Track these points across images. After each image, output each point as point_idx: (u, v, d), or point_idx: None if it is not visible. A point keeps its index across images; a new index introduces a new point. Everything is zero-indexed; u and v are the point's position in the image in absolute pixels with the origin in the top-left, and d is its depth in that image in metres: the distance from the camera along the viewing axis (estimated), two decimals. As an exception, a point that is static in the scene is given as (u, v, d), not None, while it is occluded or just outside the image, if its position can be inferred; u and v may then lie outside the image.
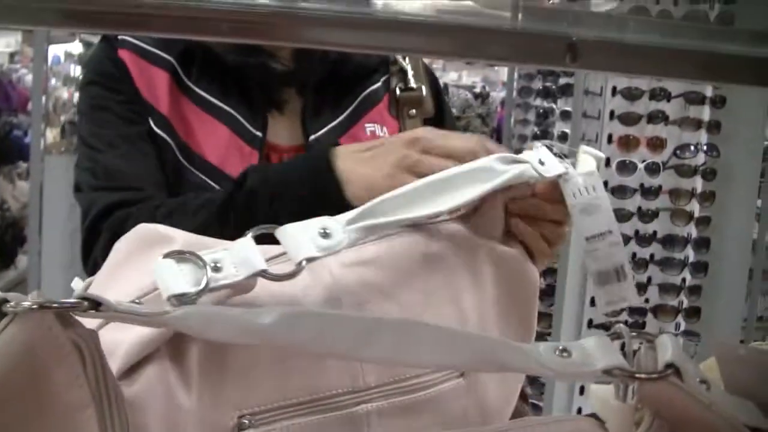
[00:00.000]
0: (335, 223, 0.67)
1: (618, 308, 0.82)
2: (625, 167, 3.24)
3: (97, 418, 0.46)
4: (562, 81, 3.92)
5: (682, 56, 0.53)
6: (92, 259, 1.11)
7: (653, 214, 3.24)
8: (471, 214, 0.80)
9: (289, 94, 1.21)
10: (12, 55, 7.78)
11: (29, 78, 7.24)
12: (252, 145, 1.15)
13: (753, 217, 3.44)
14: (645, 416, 0.56)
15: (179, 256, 0.61)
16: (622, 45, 0.52)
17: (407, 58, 1.25)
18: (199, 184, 1.13)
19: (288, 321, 0.46)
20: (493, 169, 0.77)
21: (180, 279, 0.61)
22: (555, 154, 0.82)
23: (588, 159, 0.83)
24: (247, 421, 0.63)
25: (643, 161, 3.26)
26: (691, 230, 3.32)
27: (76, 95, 3.25)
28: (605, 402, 0.53)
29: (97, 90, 1.21)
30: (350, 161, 0.96)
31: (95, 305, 0.45)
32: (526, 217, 0.85)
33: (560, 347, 0.51)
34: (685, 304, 3.29)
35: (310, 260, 0.63)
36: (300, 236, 0.65)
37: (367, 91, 1.25)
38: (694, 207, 3.35)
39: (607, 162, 3.16)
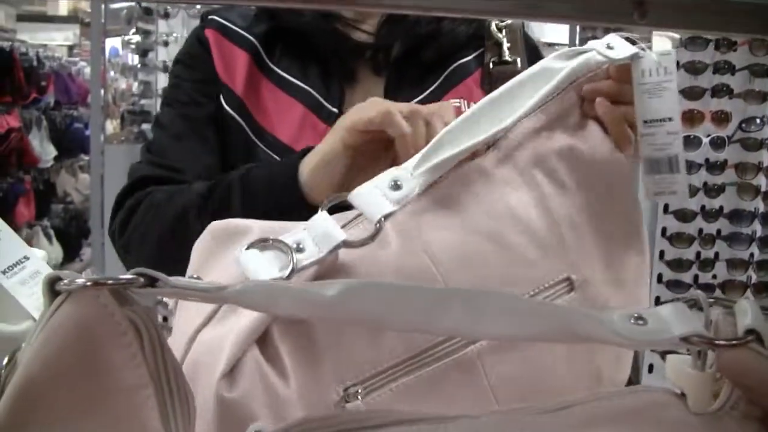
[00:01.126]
0: (404, 171, 0.68)
1: (664, 197, 0.81)
2: (690, 142, 3.18)
3: (157, 398, 0.44)
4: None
5: (749, 10, 0.51)
6: (113, 224, 1.17)
7: (719, 189, 3.17)
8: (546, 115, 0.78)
9: (369, 67, 1.20)
10: (71, 48, 7.90)
11: (88, 70, 7.34)
12: (327, 121, 1.13)
13: (821, 188, 3.37)
14: (724, 387, 0.54)
15: (262, 244, 0.62)
16: (690, 1, 0.50)
17: (504, 31, 1.20)
18: (267, 155, 1.14)
19: (353, 293, 0.45)
20: (550, 69, 0.75)
21: (267, 266, 0.61)
22: (626, 39, 0.80)
23: (663, 40, 0.81)
24: (352, 392, 0.62)
25: (708, 135, 3.20)
26: (758, 204, 3.24)
27: (135, 85, 3.29)
28: (682, 372, 0.51)
29: (178, 68, 1.26)
30: (312, 167, 0.96)
31: (152, 281, 0.44)
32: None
33: (635, 315, 0.49)
34: (754, 279, 3.22)
35: (387, 216, 0.63)
36: (372, 195, 0.65)
37: (456, 64, 1.21)
38: (761, 181, 3.28)
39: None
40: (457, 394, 0.64)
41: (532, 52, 1.25)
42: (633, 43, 0.80)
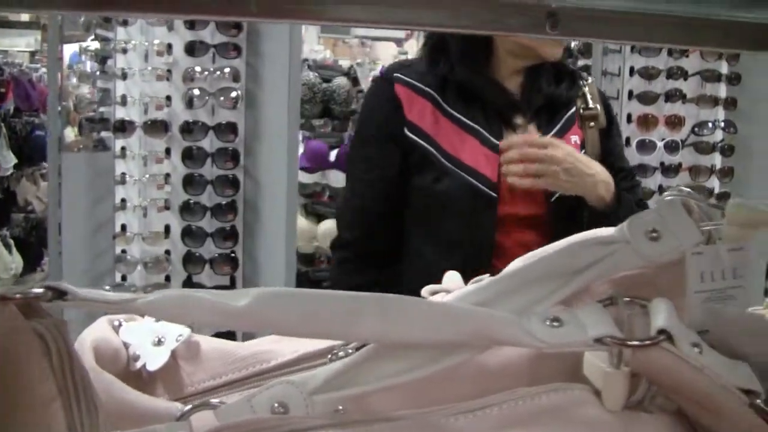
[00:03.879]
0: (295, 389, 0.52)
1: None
2: (645, 146, 3.23)
3: (64, 411, 0.44)
4: (581, 62, 3.90)
5: (664, 21, 0.52)
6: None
7: (674, 192, 3.21)
8: None
9: (518, 114, 1.69)
10: (33, 54, 7.83)
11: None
12: (494, 150, 1.63)
13: (772, 189, 3.43)
14: (641, 382, 0.56)
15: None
16: (602, 12, 0.52)
17: (587, 87, 1.79)
18: (457, 175, 1.62)
19: (265, 303, 0.45)
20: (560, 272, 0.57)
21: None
22: (688, 210, 0.59)
23: (741, 220, 0.60)
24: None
25: (663, 140, 3.26)
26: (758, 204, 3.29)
27: (95, 92, 3.27)
28: (598, 370, 0.53)
29: (367, 123, 1.82)
30: None
31: (60, 294, 0.44)
32: None
33: (551, 317, 0.51)
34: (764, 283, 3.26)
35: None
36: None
37: (570, 111, 1.75)
38: (714, 183, 3.34)
39: (627, 141, 3.13)
40: None
41: (605, 101, 1.86)
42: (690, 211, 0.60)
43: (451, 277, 0.69)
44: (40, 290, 0.44)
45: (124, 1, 0.55)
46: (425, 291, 0.67)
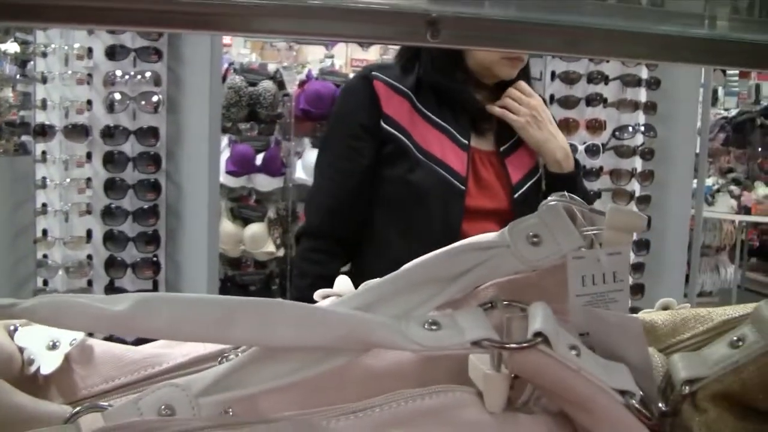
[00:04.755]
0: (181, 392, 0.51)
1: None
2: (567, 150, 3.27)
3: None
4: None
5: (540, 30, 0.53)
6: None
7: (595, 195, 3.27)
8: None
9: (484, 120, 1.86)
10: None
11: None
12: (462, 149, 1.79)
13: (690, 194, 3.50)
14: (527, 385, 0.57)
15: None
16: (481, 20, 0.53)
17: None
18: (429, 167, 1.75)
19: (143, 307, 0.45)
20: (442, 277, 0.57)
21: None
22: (571, 215, 0.61)
23: (619, 224, 0.60)
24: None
25: (584, 143, 3.30)
26: (633, 208, 3.35)
27: (17, 96, 3.21)
28: (480, 372, 0.54)
29: (346, 106, 1.90)
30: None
31: None
32: None
33: (429, 320, 0.51)
34: (630, 282, 3.32)
35: None
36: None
37: None
38: (635, 186, 3.39)
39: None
40: None
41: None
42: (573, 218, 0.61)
43: (343, 282, 0.69)
44: None
45: (45, 12, 0.55)
46: (317, 295, 0.68)
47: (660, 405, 0.59)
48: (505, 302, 0.55)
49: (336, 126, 1.94)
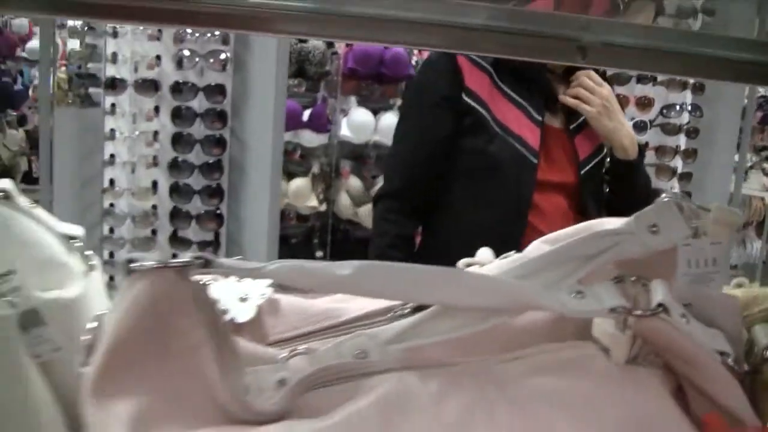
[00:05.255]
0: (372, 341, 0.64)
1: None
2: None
3: (213, 355, 0.57)
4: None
5: (668, 57, 0.66)
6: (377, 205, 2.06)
7: (639, 170, 3.37)
8: None
9: (556, 101, 1.96)
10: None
11: (18, 22, 7.14)
12: (536, 125, 1.90)
13: (730, 173, 3.60)
14: (635, 343, 0.70)
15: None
16: (623, 47, 0.65)
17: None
18: (506, 140, 1.86)
19: (362, 273, 0.59)
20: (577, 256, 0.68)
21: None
22: (680, 209, 0.71)
23: (722, 220, 0.72)
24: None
25: (632, 119, 3.39)
26: (674, 184, 3.46)
27: (76, 45, 3.32)
28: (606, 332, 0.67)
29: (425, 87, 2.01)
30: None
31: (207, 262, 0.57)
32: None
33: (575, 290, 0.65)
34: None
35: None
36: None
37: None
38: (678, 163, 3.49)
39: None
40: None
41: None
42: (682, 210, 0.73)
43: (484, 253, 0.83)
44: (193, 260, 0.57)
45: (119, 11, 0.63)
46: (461, 263, 0.81)
47: (744, 365, 0.73)
48: (632, 278, 0.69)
49: (418, 95, 2.03)
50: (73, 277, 0.81)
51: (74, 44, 3.39)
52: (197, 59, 3.13)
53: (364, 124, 4.18)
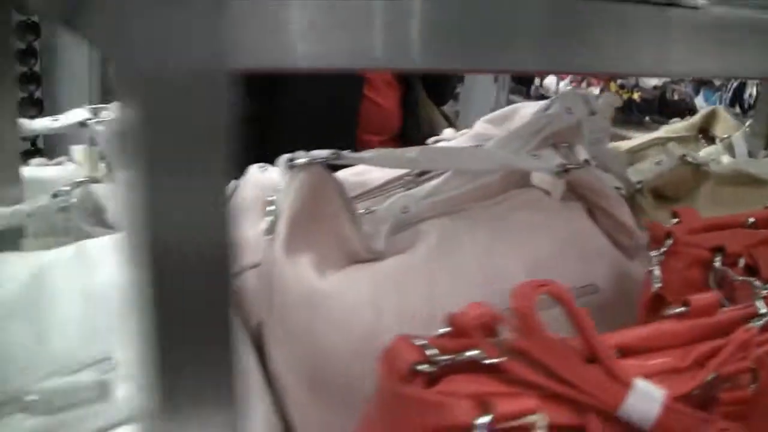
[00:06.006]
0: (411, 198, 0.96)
1: None
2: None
3: (347, 216, 0.86)
4: None
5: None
6: None
7: None
8: None
9: None
10: None
11: None
12: None
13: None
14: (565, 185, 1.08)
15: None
16: None
17: None
18: None
19: (423, 155, 0.94)
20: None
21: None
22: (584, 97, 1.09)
23: (607, 102, 1.12)
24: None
25: None
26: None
27: None
28: (544, 180, 1.03)
29: None
30: None
31: (338, 156, 0.86)
32: None
33: (533, 155, 1.02)
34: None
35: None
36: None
37: None
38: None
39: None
40: None
41: None
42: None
43: (447, 132, 1.19)
44: (330, 154, 0.88)
45: None
46: (431, 141, 1.17)
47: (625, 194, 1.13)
48: (564, 144, 1.05)
49: None
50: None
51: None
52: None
53: None
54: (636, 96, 6.24)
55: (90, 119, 0.90)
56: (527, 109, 1.12)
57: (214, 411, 0.42)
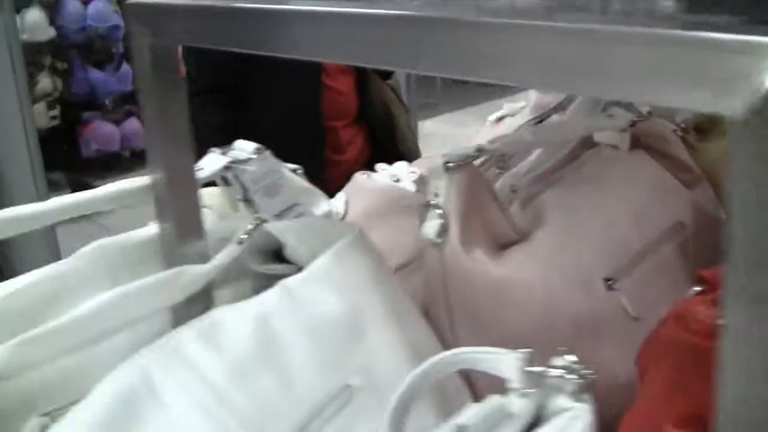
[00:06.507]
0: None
1: None
2: None
3: (496, 203, 0.91)
4: None
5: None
6: None
7: None
8: None
9: None
10: None
11: None
12: None
13: None
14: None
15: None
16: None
17: None
18: None
19: (537, 135, 1.02)
20: None
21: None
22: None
23: None
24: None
25: None
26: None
27: None
28: (607, 135, 1.14)
29: None
30: None
31: (481, 151, 0.94)
32: None
33: (607, 115, 1.11)
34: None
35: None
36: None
37: None
38: None
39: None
40: None
41: None
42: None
43: (512, 106, 1.27)
44: (473, 152, 0.94)
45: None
46: (493, 118, 1.25)
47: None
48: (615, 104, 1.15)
49: None
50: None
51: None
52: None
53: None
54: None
55: (233, 162, 0.94)
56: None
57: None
